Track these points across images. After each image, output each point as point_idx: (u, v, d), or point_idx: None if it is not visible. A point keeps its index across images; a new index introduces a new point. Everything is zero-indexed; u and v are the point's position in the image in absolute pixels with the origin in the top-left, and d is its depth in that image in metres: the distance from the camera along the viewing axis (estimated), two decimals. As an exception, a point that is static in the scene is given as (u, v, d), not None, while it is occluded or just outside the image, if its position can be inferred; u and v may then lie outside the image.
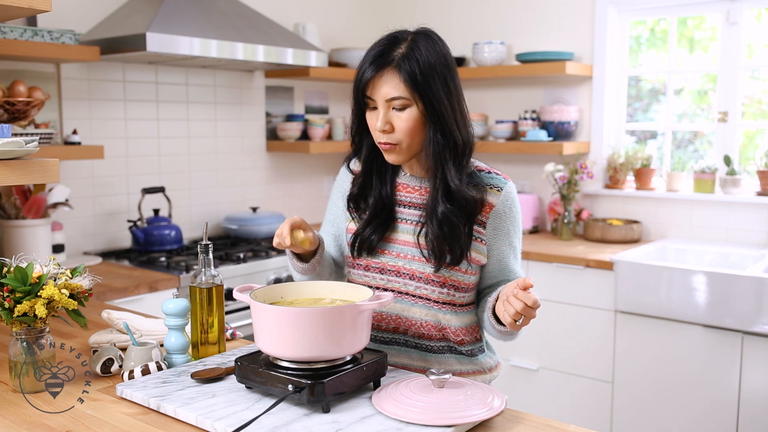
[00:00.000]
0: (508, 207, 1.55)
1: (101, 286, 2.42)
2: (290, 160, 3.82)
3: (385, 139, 1.49)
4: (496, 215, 1.54)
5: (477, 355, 1.61)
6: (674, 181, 3.39)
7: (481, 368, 1.61)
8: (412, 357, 1.57)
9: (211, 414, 1.23)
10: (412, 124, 1.47)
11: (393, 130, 1.48)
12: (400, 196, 1.60)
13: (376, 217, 1.58)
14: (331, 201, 1.72)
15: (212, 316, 1.56)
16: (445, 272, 1.52)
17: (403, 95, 1.45)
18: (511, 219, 1.56)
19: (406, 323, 1.56)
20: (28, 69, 2.73)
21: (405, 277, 1.55)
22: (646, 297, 2.85)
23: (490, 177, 1.56)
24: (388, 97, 1.46)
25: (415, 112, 1.46)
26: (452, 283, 1.53)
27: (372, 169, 1.59)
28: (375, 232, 1.57)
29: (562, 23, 3.59)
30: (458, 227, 1.49)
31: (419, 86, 1.44)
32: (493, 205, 1.53)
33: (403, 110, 1.47)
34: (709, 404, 2.74)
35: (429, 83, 1.45)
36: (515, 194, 1.57)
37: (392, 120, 1.48)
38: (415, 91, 1.44)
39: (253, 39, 2.98)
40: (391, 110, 1.47)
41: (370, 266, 1.59)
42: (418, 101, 1.45)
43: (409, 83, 1.44)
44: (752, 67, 3.27)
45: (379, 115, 1.48)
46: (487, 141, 3.70)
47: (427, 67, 1.45)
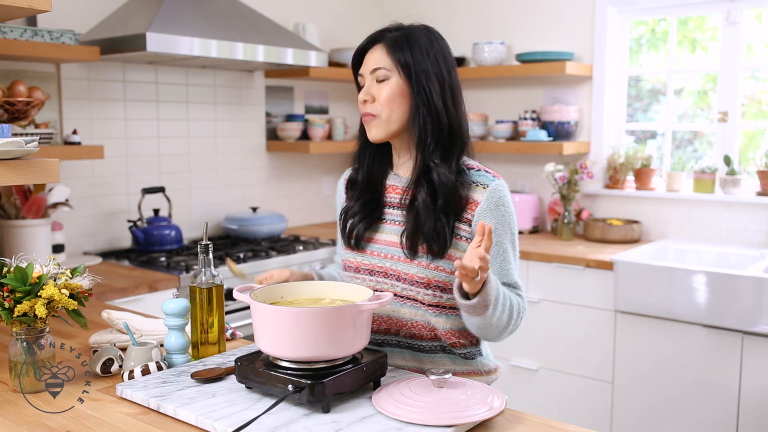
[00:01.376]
0: (494, 204, 1.49)
1: (101, 286, 2.42)
2: (290, 160, 3.82)
3: (368, 109, 1.54)
4: (480, 213, 1.49)
5: (474, 358, 1.59)
6: (674, 181, 3.39)
7: (478, 370, 1.59)
8: (405, 357, 1.58)
9: (211, 414, 1.23)
10: (391, 94, 1.51)
11: (374, 101, 1.53)
12: (388, 198, 1.61)
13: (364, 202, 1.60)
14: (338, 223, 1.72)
15: (212, 316, 1.56)
16: (429, 272, 1.50)
17: (384, 66, 1.52)
18: (499, 217, 1.50)
19: (398, 324, 1.56)
20: (28, 69, 2.73)
21: (392, 278, 1.55)
22: (646, 297, 2.85)
23: (478, 174, 1.53)
24: (371, 68, 1.53)
25: (395, 83, 1.51)
26: (437, 284, 1.50)
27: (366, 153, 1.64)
28: (362, 220, 1.59)
29: (562, 23, 3.59)
30: (435, 214, 1.48)
31: (402, 56, 1.50)
32: (478, 203, 1.50)
33: (383, 81, 1.52)
34: (709, 404, 2.74)
35: (414, 56, 1.50)
36: (504, 192, 1.52)
37: (372, 91, 1.53)
38: (397, 61, 1.50)
39: (253, 39, 2.98)
40: (375, 83, 1.53)
41: (360, 268, 1.60)
42: (400, 72, 1.50)
43: (391, 53, 1.51)
44: (752, 67, 3.27)
45: (365, 87, 1.55)
46: (487, 141, 3.70)
47: (415, 43, 1.51)
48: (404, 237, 1.52)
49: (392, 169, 1.64)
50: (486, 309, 1.38)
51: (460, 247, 1.50)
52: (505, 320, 1.45)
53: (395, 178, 1.62)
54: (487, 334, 1.48)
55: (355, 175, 1.67)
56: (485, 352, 1.64)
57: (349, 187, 1.69)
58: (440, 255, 1.48)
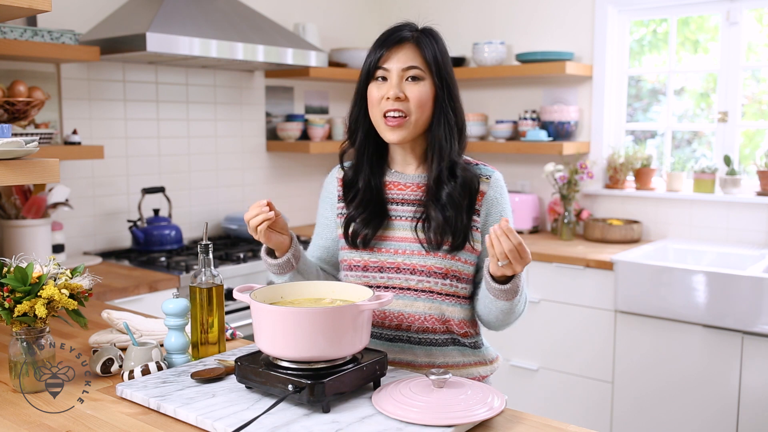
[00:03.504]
0: (498, 193, 1.58)
1: (101, 286, 2.42)
2: (290, 160, 3.82)
3: (397, 106, 1.51)
4: (487, 202, 1.56)
5: (480, 347, 1.63)
6: (674, 181, 3.39)
7: (484, 360, 1.62)
8: (416, 353, 1.57)
9: (211, 414, 1.23)
10: (425, 96, 1.52)
11: (406, 99, 1.52)
12: (392, 194, 1.61)
13: (367, 204, 1.59)
14: (319, 213, 1.73)
15: (212, 316, 1.56)
16: (447, 263, 1.53)
17: (420, 66, 1.52)
18: (503, 205, 1.59)
19: (410, 319, 1.56)
20: (28, 69, 2.73)
21: (406, 272, 1.55)
22: (646, 297, 2.85)
23: (477, 168, 1.60)
24: (405, 65, 1.52)
25: (427, 87, 1.53)
26: (454, 274, 1.54)
27: (364, 154, 1.61)
28: (368, 224, 1.58)
29: (562, 23, 3.59)
30: (461, 208, 1.52)
31: (437, 63, 1.52)
32: (485, 193, 1.57)
33: (417, 82, 1.52)
34: (709, 404, 2.74)
35: (445, 63, 1.54)
36: (503, 183, 1.61)
37: (405, 90, 1.52)
38: (432, 66, 1.52)
39: (253, 39, 2.98)
40: (404, 81, 1.52)
41: (369, 266, 1.58)
42: (433, 77, 1.52)
43: (428, 58, 1.52)
44: (752, 68, 3.27)
45: (392, 83, 1.52)
46: (487, 141, 3.70)
47: (441, 49, 1.54)
48: (428, 232, 1.54)
49: (389, 166, 1.64)
50: (515, 294, 1.45)
51: (472, 237, 1.55)
52: (521, 308, 1.54)
53: (398, 175, 1.62)
54: (504, 320, 1.54)
55: (353, 176, 1.63)
56: (485, 342, 1.67)
57: (343, 188, 1.65)
58: (461, 247, 1.53)
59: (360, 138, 1.60)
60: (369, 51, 1.56)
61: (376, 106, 1.53)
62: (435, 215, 1.52)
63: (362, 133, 1.60)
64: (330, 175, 1.73)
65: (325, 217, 1.70)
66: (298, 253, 1.58)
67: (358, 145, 1.61)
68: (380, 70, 1.53)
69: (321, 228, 1.72)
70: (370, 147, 1.61)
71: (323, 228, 1.71)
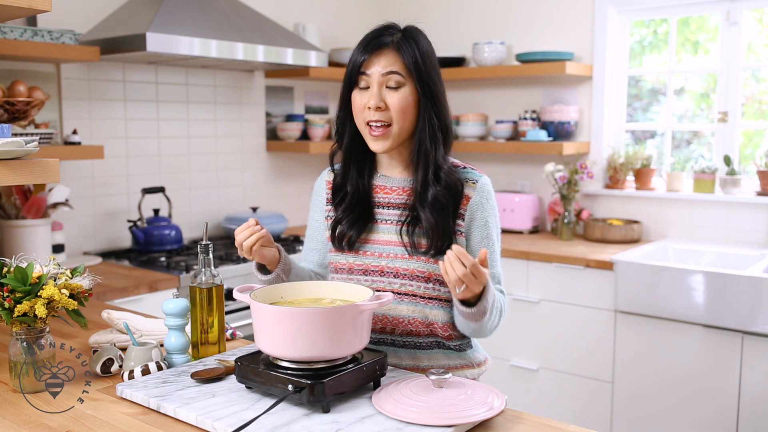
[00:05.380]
0: (484, 198, 1.56)
1: (101, 286, 2.42)
2: (290, 160, 3.82)
3: (378, 116, 1.50)
4: (472, 207, 1.55)
5: (465, 350, 1.62)
6: (674, 181, 3.39)
7: (470, 363, 1.61)
8: (400, 356, 1.58)
9: (211, 414, 1.23)
10: (406, 103, 1.50)
11: (387, 108, 1.50)
12: (378, 198, 1.61)
13: (354, 208, 1.59)
14: (310, 216, 1.74)
15: (212, 316, 1.56)
16: (430, 266, 1.53)
17: (401, 72, 1.49)
18: (489, 211, 1.56)
19: (393, 322, 1.56)
20: (28, 69, 2.73)
21: (389, 275, 1.56)
22: (646, 297, 2.85)
23: (465, 171, 1.58)
24: (385, 70, 1.49)
25: (408, 93, 1.50)
26: (437, 278, 1.54)
27: (351, 158, 1.61)
28: (353, 226, 1.58)
29: (562, 23, 3.59)
30: (447, 211, 1.51)
31: (418, 67, 1.49)
32: (470, 197, 1.55)
33: (397, 89, 1.50)
34: (709, 404, 2.74)
35: (426, 67, 1.50)
36: (491, 188, 1.59)
37: (386, 98, 1.50)
38: (413, 71, 1.49)
39: (253, 39, 2.98)
40: (385, 88, 1.50)
41: (353, 269, 1.59)
42: (414, 82, 1.49)
43: (408, 63, 1.49)
44: (752, 68, 3.27)
45: (373, 92, 1.50)
46: (487, 141, 3.70)
47: (424, 52, 1.51)
48: (411, 236, 1.53)
49: (377, 170, 1.64)
50: (484, 315, 1.45)
51: (456, 242, 1.54)
52: (495, 322, 1.53)
53: (384, 178, 1.62)
54: (478, 334, 1.56)
55: (340, 180, 1.63)
56: (474, 344, 1.66)
57: (333, 191, 1.66)
58: (444, 251, 1.51)
59: (346, 141, 1.60)
60: (351, 54, 1.55)
61: (360, 114, 1.53)
62: (426, 216, 1.51)
63: (348, 137, 1.60)
64: (320, 177, 1.74)
65: (315, 219, 1.72)
66: (287, 266, 1.60)
67: (345, 148, 1.61)
68: (362, 76, 1.52)
69: (312, 231, 1.73)
70: (356, 150, 1.60)
71: (314, 231, 1.72)
